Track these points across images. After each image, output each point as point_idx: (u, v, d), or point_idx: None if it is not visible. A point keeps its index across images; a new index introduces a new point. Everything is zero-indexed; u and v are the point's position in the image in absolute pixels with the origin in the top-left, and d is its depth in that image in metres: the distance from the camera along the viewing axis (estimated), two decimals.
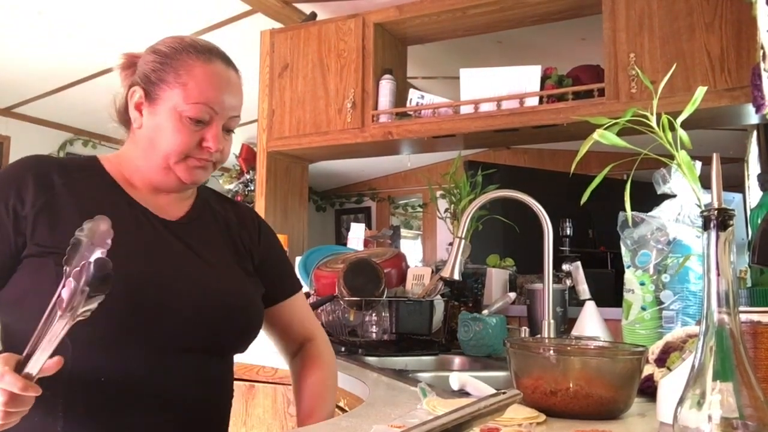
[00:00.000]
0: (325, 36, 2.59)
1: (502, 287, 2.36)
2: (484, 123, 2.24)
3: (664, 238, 1.45)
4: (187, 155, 1.03)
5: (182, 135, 1.02)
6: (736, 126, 2.84)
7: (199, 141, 1.03)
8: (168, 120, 1.03)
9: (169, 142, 1.02)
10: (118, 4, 2.79)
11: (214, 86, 1.04)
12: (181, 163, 1.04)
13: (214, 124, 1.04)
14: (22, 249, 0.95)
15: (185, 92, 1.02)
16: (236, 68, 1.11)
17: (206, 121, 1.03)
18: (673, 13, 1.96)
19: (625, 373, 0.94)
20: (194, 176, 1.05)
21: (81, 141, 4.58)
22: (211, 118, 1.03)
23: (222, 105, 1.04)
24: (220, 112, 1.04)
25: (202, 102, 1.02)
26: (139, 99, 1.06)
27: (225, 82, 1.06)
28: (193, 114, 1.02)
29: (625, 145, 1.26)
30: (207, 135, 1.03)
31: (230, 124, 1.07)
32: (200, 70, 1.04)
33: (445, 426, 0.62)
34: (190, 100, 1.02)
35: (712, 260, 0.64)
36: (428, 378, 1.50)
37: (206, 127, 1.04)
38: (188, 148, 1.03)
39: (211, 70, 1.05)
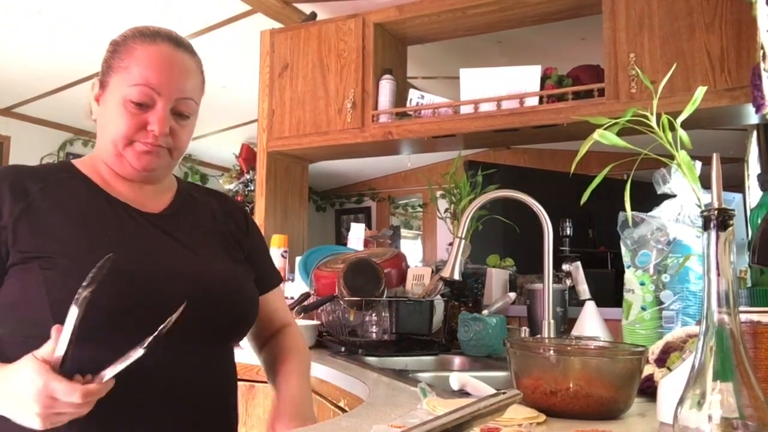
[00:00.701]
0: (325, 36, 2.59)
1: (502, 287, 2.36)
2: (484, 123, 2.24)
3: (664, 238, 1.45)
4: (132, 140, 1.01)
5: (124, 119, 1.00)
6: (736, 126, 2.84)
7: (143, 124, 1.01)
8: (113, 106, 1.02)
9: (112, 127, 1.02)
10: (118, 4, 2.79)
11: (155, 67, 1.01)
12: (128, 148, 1.02)
13: (158, 107, 1.01)
14: (6, 259, 0.94)
15: (127, 75, 1.01)
16: (191, 51, 1.08)
17: (149, 103, 1.01)
18: (673, 13, 1.96)
19: (625, 373, 0.94)
20: (144, 162, 1.03)
21: (81, 141, 4.58)
22: (154, 100, 1.01)
23: (165, 86, 1.01)
24: (164, 94, 1.01)
25: (142, 83, 1.00)
26: (96, 92, 1.07)
27: (168, 62, 1.02)
28: (134, 97, 1.00)
29: (625, 145, 1.26)
30: (150, 118, 1.01)
31: (180, 107, 1.04)
32: (141, 52, 1.02)
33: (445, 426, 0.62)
34: (130, 82, 1.00)
35: (712, 260, 0.64)
36: (428, 378, 1.50)
37: (150, 110, 1.01)
38: (130, 132, 1.01)
39: (153, 50, 1.02)
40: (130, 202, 1.05)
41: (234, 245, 1.15)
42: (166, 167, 1.08)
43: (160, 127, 1.01)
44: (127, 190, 1.06)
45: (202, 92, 1.10)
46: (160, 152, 1.03)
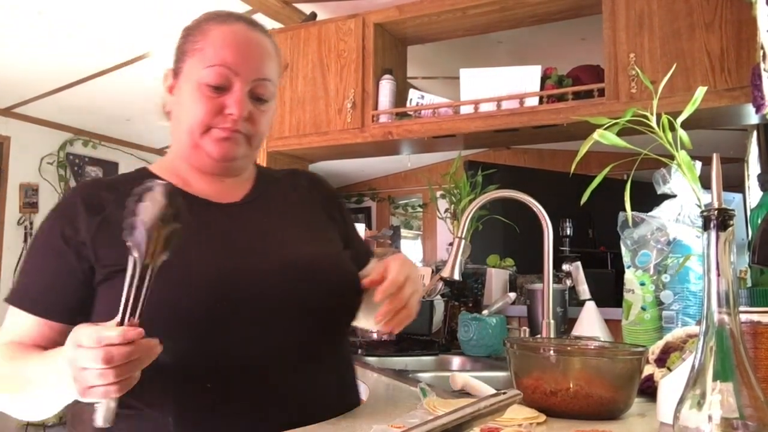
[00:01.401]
0: (325, 36, 2.59)
1: (502, 287, 2.36)
2: (484, 123, 2.24)
3: (664, 238, 1.45)
4: (209, 126, 0.95)
5: (200, 104, 0.94)
6: (736, 126, 2.84)
7: (220, 108, 0.95)
8: (188, 92, 0.96)
9: (189, 114, 0.95)
10: (118, 4, 2.79)
11: (231, 46, 0.95)
12: (205, 136, 0.96)
13: (236, 89, 0.95)
14: (92, 276, 0.89)
15: (201, 57, 0.95)
16: (267, 33, 1.02)
17: (226, 86, 0.95)
18: (673, 13, 1.96)
19: (625, 373, 0.94)
20: (222, 149, 0.96)
21: (81, 141, 4.58)
22: (231, 81, 0.95)
23: (243, 66, 0.95)
24: (242, 74, 0.95)
25: (218, 63, 0.94)
26: (170, 82, 1.01)
27: (244, 41, 0.96)
28: (210, 79, 0.94)
29: (625, 145, 1.26)
30: (227, 101, 0.95)
31: (259, 90, 0.97)
32: (216, 32, 0.96)
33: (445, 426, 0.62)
34: (206, 63, 0.94)
35: (712, 260, 0.64)
36: (428, 378, 1.50)
37: (227, 93, 0.95)
38: (207, 117, 0.95)
39: (227, 30, 0.97)
40: (209, 197, 0.99)
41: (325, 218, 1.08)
42: (246, 157, 1.01)
43: (238, 109, 0.94)
44: (206, 185, 1.00)
45: (279, 77, 1.04)
46: (238, 139, 0.97)
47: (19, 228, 4.26)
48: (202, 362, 0.86)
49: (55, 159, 4.46)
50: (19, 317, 0.91)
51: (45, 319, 0.90)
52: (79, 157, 4.56)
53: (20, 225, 4.26)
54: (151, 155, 4.93)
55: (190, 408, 0.85)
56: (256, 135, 1.00)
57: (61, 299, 0.90)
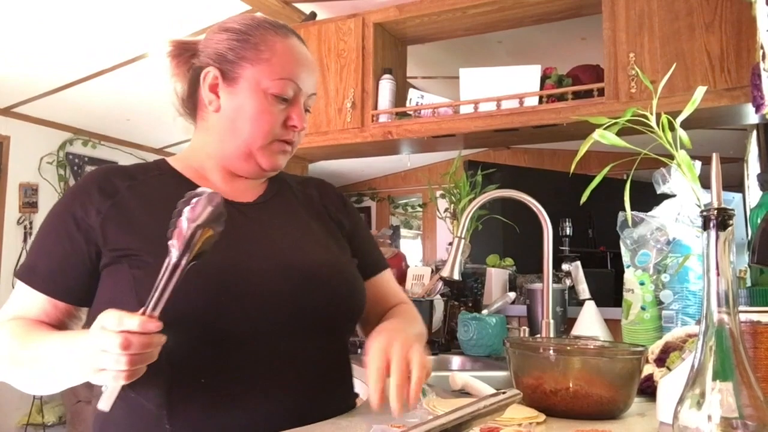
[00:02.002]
0: (325, 36, 2.59)
1: (502, 287, 2.36)
2: (484, 123, 2.24)
3: (664, 238, 1.45)
4: (274, 137, 0.99)
5: (268, 114, 0.97)
6: (736, 126, 2.84)
7: (285, 120, 0.99)
8: (252, 99, 0.97)
9: (254, 123, 0.97)
10: (117, 4, 2.79)
11: (297, 61, 1.00)
12: (266, 147, 0.99)
13: (298, 102, 1.00)
14: (98, 260, 0.91)
15: (269, 68, 0.98)
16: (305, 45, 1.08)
17: (290, 98, 0.99)
18: (672, 13, 1.96)
19: (625, 373, 0.94)
20: (276, 162, 1.01)
21: (81, 141, 4.58)
22: (296, 94, 0.99)
23: (305, 80, 1.00)
24: (303, 88, 1.00)
25: (287, 77, 0.98)
26: (213, 80, 1.00)
27: (304, 57, 1.03)
28: (278, 90, 0.97)
29: (625, 145, 1.26)
30: (292, 113, 0.99)
31: (309, 103, 1.04)
32: (281, 45, 1.00)
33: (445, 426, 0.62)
34: (274, 76, 0.97)
35: (712, 260, 0.64)
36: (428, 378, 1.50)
37: (290, 106, 0.99)
38: (274, 128, 0.98)
39: (291, 44, 1.02)
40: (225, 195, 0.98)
41: (333, 227, 1.08)
42: None
43: (301, 122, 1.00)
44: (223, 183, 1.02)
45: None
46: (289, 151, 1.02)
47: (18, 228, 4.26)
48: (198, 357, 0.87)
49: (54, 159, 4.46)
50: (27, 293, 0.92)
51: (52, 298, 0.92)
52: (78, 157, 4.56)
53: (20, 225, 4.26)
54: (151, 155, 4.93)
55: (183, 402, 0.86)
56: (299, 143, 1.05)
57: (68, 281, 0.92)
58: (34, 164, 4.34)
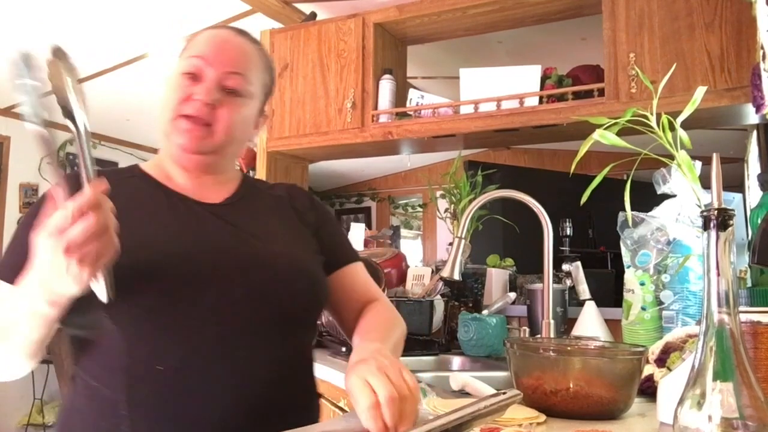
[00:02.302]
0: (325, 36, 2.59)
1: (502, 287, 2.36)
2: (484, 123, 2.24)
3: (664, 238, 1.45)
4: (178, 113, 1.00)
5: (173, 91, 1.01)
6: (736, 126, 2.84)
7: (189, 95, 1.00)
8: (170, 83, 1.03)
9: (163, 102, 1.02)
10: (117, 5, 2.79)
11: (209, 43, 1.04)
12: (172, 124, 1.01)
13: (206, 77, 1.01)
14: None
15: (184, 54, 1.04)
16: (254, 41, 1.09)
17: (198, 75, 1.01)
18: (672, 13, 1.96)
19: (625, 373, 0.94)
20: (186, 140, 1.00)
21: None
22: (203, 71, 1.01)
23: (215, 58, 1.01)
24: (213, 65, 1.01)
25: (194, 55, 1.02)
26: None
27: (223, 40, 1.04)
28: (184, 67, 1.02)
29: (625, 145, 1.26)
30: (197, 88, 1.00)
31: (229, 81, 1.02)
32: (202, 34, 1.06)
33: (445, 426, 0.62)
34: (185, 57, 1.04)
35: (712, 260, 0.64)
36: (428, 378, 1.50)
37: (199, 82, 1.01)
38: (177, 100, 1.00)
39: (210, 32, 1.06)
40: (189, 194, 1.04)
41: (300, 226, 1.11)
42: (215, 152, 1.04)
43: (204, 95, 0.99)
44: (186, 182, 1.05)
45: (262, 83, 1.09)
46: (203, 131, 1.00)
47: None
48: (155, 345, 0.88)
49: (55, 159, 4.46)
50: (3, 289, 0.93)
51: None
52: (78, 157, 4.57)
53: None
54: (151, 155, 4.93)
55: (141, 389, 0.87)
56: (225, 126, 1.02)
57: None
58: (35, 164, 4.34)
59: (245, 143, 1.11)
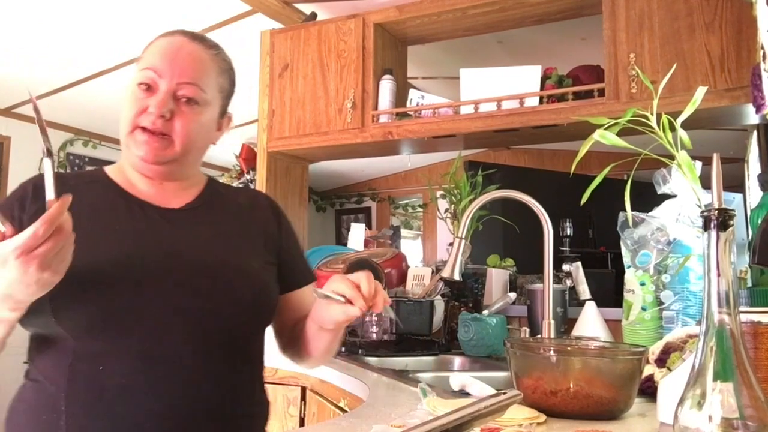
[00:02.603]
0: (325, 36, 2.59)
1: (502, 287, 2.36)
2: (484, 123, 2.24)
3: (665, 239, 1.45)
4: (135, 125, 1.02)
5: (128, 103, 1.03)
6: (736, 126, 2.84)
7: (144, 108, 1.02)
8: (127, 94, 1.04)
9: (122, 114, 1.04)
10: (118, 5, 2.79)
11: (162, 53, 1.04)
12: (131, 137, 1.02)
13: (159, 89, 1.02)
14: None
15: (139, 64, 1.05)
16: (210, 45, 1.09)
17: (152, 85, 1.02)
18: (673, 13, 1.96)
19: (625, 373, 0.94)
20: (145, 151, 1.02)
21: (81, 141, 4.58)
22: (156, 83, 1.02)
23: (166, 68, 1.02)
24: (165, 77, 1.02)
25: (147, 67, 1.03)
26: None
27: (176, 49, 1.05)
28: (138, 78, 1.03)
29: (625, 145, 1.26)
30: (151, 100, 1.02)
31: (183, 91, 1.03)
32: (156, 43, 1.07)
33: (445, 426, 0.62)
34: (140, 68, 1.04)
35: (713, 260, 0.64)
36: (428, 378, 1.50)
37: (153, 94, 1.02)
38: (134, 113, 1.01)
39: (164, 41, 1.06)
40: (149, 200, 1.06)
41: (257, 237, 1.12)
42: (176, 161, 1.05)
43: (157, 107, 1.00)
44: (148, 188, 1.07)
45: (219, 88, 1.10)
46: (161, 143, 1.02)
47: None
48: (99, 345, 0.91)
49: (55, 159, 4.46)
50: None
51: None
52: (79, 157, 4.56)
53: None
54: None
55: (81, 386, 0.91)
56: (181, 136, 1.03)
57: None
58: (35, 165, 4.33)
59: (207, 148, 1.13)
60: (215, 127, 1.12)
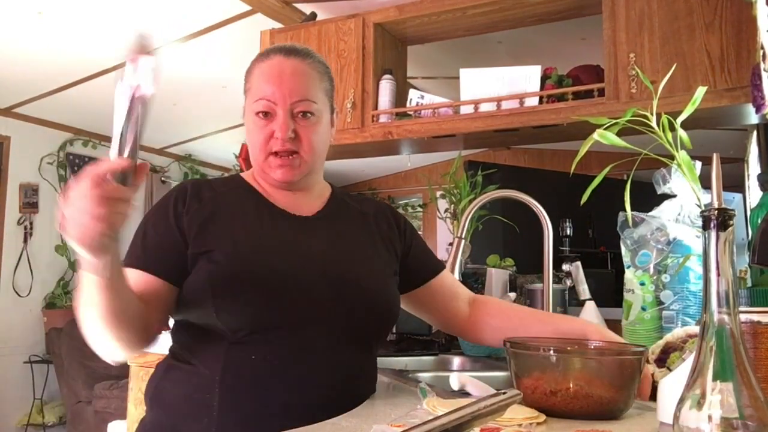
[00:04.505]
0: (325, 36, 2.59)
1: (502, 287, 2.36)
2: (484, 123, 2.24)
3: (664, 238, 1.45)
4: (268, 151, 1.11)
5: (255, 133, 1.12)
6: (736, 126, 2.84)
7: (270, 134, 1.11)
8: (247, 124, 1.15)
9: (251, 143, 1.14)
10: (118, 4, 2.79)
11: (268, 79, 1.12)
12: (266, 162, 1.13)
13: (278, 114, 1.10)
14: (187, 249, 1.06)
15: (251, 94, 1.14)
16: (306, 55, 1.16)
17: (270, 112, 1.11)
18: (673, 13, 1.96)
19: (625, 373, 0.94)
20: (282, 174, 1.12)
21: (81, 141, 4.58)
22: (274, 110, 1.11)
23: (279, 94, 1.10)
24: (279, 102, 1.10)
25: (260, 97, 1.11)
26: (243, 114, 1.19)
27: (278, 71, 1.12)
28: (257, 109, 1.11)
29: (625, 145, 1.26)
30: (274, 126, 1.10)
31: (299, 108, 1.11)
32: (257, 70, 1.14)
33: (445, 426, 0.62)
34: (253, 98, 1.13)
35: (712, 260, 0.64)
36: (428, 378, 1.50)
37: (273, 119, 1.11)
38: (263, 142, 1.11)
39: (265, 65, 1.14)
40: (286, 208, 1.15)
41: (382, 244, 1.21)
42: (307, 174, 1.15)
43: (282, 131, 1.09)
44: (282, 197, 1.17)
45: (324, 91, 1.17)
46: (293, 162, 1.12)
47: (18, 228, 4.26)
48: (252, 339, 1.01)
49: (55, 159, 4.46)
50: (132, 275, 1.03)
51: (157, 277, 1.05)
52: (79, 157, 4.56)
53: (20, 225, 4.26)
54: (151, 155, 4.93)
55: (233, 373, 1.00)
56: (305, 148, 1.13)
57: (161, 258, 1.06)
58: (35, 164, 4.34)
59: (327, 151, 1.21)
60: (330, 128, 1.21)
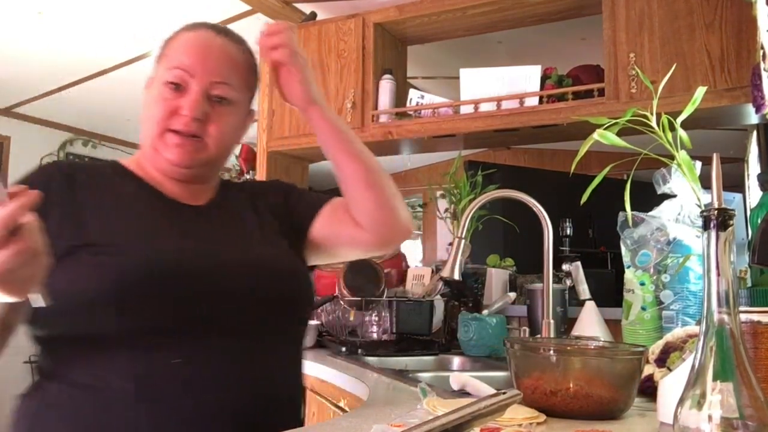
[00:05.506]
0: (325, 36, 2.59)
1: (502, 287, 2.36)
2: (484, 123, 2.24)
3: (664, 238, 1.45)
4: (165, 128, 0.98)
5: (158, 104, 0.98)
6: (736, 126, 2.84)
7: (175, 109, 0.98)
8: (153, 93, 1.00)
9: (147, 116, 0.99)
10: (117, 5, 2.79)
11: (191, 50, 1.00)
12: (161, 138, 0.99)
13: (191, 89, 0.98)
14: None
15: (166, 61, 1.01)
16: (236, 40, 1.06)
17: (183, 86, 0.98)
18: (673, 13, 1.96)
19: (625, 373, 0.94)
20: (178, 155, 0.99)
21: (81, 141, 4.58)
22: (187, 82, 0.98)
23: (199, 67, 0.98)
24: (197, 75, 0.98)
25: (176, 66, 0.99)
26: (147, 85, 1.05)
27: (206, 46, 1.01)
28: (169, 77, 0.98)
29: (625, 145, 1.26)
30: (183, 102, 0.98)
31: (216, 90, 1.00)
32: (182, 38, 1.02)
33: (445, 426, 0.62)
34: (167, 66, 1.00)
35: (712, 260, 0.64)
36: (428, 378, 1.50)
37: (184, 94, 0.98)
38: (164, 116, 0.97)
39: (191, 35, 1.02)
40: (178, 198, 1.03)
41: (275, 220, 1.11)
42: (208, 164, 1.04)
43: (191, 110, 0.97)
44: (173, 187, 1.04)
45: (248, 85, 1.07)
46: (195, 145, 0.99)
47: None
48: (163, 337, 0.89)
49: (55, 159, 4.45)
50: None
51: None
52: (79, 157, 4.56)
53: None
54: None
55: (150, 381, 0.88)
56: (213, 136, 1.01)
57: None
58: (35, 164, 4.33)
59: (234, 148, 1.11)
60: (243, 127, 1.10)
